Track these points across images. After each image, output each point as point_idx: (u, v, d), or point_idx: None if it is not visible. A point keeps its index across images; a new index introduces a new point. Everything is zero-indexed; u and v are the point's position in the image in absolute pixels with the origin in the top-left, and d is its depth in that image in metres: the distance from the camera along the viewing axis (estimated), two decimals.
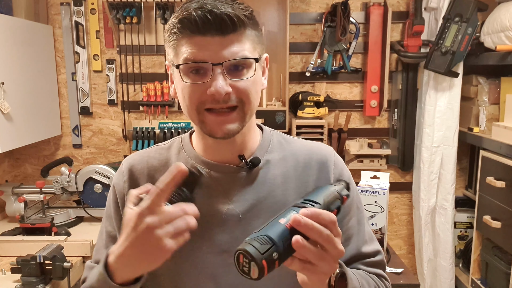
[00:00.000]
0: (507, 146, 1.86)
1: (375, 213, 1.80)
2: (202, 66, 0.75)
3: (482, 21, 2.13)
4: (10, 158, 2.52)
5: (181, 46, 0.76)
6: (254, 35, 0.78)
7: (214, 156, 0.86)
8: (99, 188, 2.13)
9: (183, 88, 0.78)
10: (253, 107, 0.80)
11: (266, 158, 0.87)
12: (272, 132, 0.93)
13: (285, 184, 0.86)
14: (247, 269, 0.58)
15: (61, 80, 2.50)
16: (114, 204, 0.89)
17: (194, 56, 0.74)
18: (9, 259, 1.70)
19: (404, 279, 1.73)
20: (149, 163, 0.89)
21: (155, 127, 2.45)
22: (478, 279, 2.15)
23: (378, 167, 2.42)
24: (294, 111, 2.43)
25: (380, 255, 0.90)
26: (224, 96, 0.75)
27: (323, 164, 0.88)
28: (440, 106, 2.27)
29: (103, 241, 0.90)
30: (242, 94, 0.77)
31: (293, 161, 0.88)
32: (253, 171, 0.85)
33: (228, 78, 0.75)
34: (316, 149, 0.91)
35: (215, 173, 0.85)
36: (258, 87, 0.81)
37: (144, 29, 2.41)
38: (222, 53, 0.74)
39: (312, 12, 2.42)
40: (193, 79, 0.76)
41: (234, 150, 0.84)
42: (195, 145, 0.89)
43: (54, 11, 2.44)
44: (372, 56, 2.38)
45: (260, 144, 0.88)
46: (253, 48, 0.78)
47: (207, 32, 0.73)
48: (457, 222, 2.45)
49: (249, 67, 0.77)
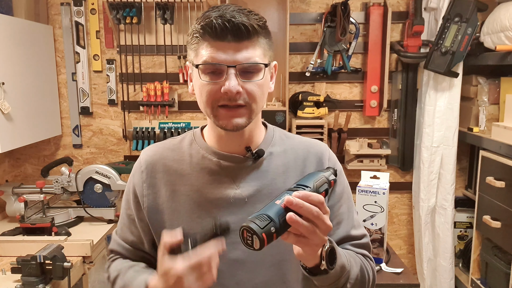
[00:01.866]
0: (507, 146, 1.87)
1: (375, 213, 1.80)
2: (218, 68, 0.86)
3: (482, 21, 2.14)
4: (10, 158, 2.53)
5: (202, 49, 0.87)
6: (266, 43, 0.89)
7: (224, 148, 0.97)
8: (99, 188, 2.13)
9: (201, 86, 0.89)
10: (259, 107, 0.92)
11: (269, 151, 0.98)
12: (275, 128, 1.05)
13: (286, 173, 0.97)
14: (250, 241, 0.71)
15: (61, 80, 2.50)
16: (132, 192, 1.01)
17: (212, 59, 0.85)
18: (9, 259, 1.71)
19: (404, 279, 1.73)
20: (164, 154, 1.01)
21: (155, 127, 2.45)
22: (478, 279, 2.15)
23: (378, 167, 2.42)
24: (294, 111, 2.43)
25: (366, 238, 1.03)
26: (235, 95, 0.85)
27: (319, 158, 1.01)
28: (440, 106, 2.27)
29: (124, 220, 1.04)
30: (250, 96, 0.88)
31: (293, 154, 1.00)
32: (258, 161, 0.97)
33: (240, 79, 0.86)
34: (314, 145, 1.03)
35: (225, 162, 0.96)
36: (265, 89, 0.92)
37: (144, 29, 2.41)
38: (236, 57, 0.85)
39: (312, 12, 2.43)
40: (210, 78, 0.87)
41: (242, 142, 0.96)
42: (207, 138, 1.00)
43: (54, 11, 2.44)
44: (372, 56, 2.38)
45: (264, 138, 1.00)
46: (263, 54, 0.89)
47: (224, 38, 0.84)
48: (457, 222, 2.46)
49: (259, 71, 0.88)
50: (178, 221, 0.95)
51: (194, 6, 2.32)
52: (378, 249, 1.83)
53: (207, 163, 0.96)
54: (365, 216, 1.82)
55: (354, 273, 0.90)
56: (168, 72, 2.44)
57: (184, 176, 0.97)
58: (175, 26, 2.39)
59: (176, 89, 2.47)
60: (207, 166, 0.96)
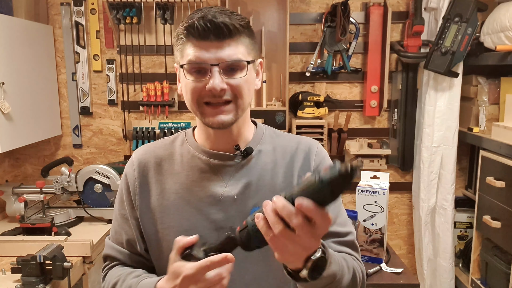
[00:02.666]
0: (507, 146, 1.87)
1: (375, 213, 1.80)
2: (203, 67, 0.88)
3: (482, 21, 2.14)
4: (10, 158, 2.53)
5: (186, 49, 0.89)
6: (248, 41, 0.92)
7: (213, 146, 0.98)
8: (99, 188, 2.13)
9: (186, 85, 0.91)
10: (246, 103, 0.93)
11: (258, 149, 1.00)
12: (265, 127, 1.06)
13: (274, 170, 0.99)
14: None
15: (61, 80, 2.50)
16: (126, 190, 1.02)
17: (196, 58, 0.87)
18: (9, 259, 1.71)
19: (404, 279, 1.73)
20: (156, 153, 1.03)
21: (155, 127, 2.45)
22: (478, 279, 2.15)
23: (378, 167, 2.42)
24: (294, 111, 2.43)
25: (351, 236, 1.00)
26: (220, 92, 0.87)
27: (306, 153, 1.01)
28: (440, 106, 2.27)
29: (117, 221, 1.05)
30: (236, 90, 0.89)
31: (281, 151, 1.01)
32: (246, 159, 0.98)
33: (223, 77, 0.88)
34: (303, 141, 1.04)
35: (214, 160, 0.98)
36: (250, 86, 0.94)
37: (144, 29, 2.41)
38: (219, 55, 0.87)
39: (312, 12, 2.43)
40: (195, 77, 0.89)
41: (231, 140, 0.97)
42: (197, 137, 1.02)
43: (54, 11, 2.44)
44: (372, 56, 2.38)
45: (254, 136, 1.02)
46: (247, 52, 0.91)
47: (207, 37, 0.86)
48: (457, 222, 2.45)
49: (242, 68, 0.90)
50: (169, 219, 0.96)
51: (194, 6, 2.32)
52: (378, 249, 1.83)
53: (196, 162, 0.98)
54: (365, 216, 1.82)
55: (345, 281, 0.86)
56: (168, 72, 2.44)
57: (175, 175, 0.98)
58: (175, 26, 2.39)
59: (176, 89, 2.47)
60: (197, 165, 0.98)
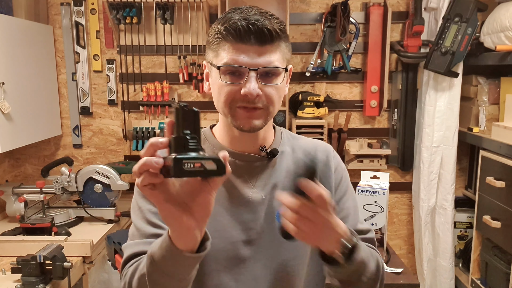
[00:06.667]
0: (507, 146, 1.87)
1: (375, 213, 1.80)
2: (239, 70, 0.87)
3: (482, 21, 2.14)
4: (10, 158, 2.53)
5: (223, 50, 0.87)
6: (285, 47, 0.91)
7: (238, 147, 0.98)
8: (99, 188, 2.13)
9: (220, 86, 0.89)
10: (276, 110, 0.95)
11: (280, 150, 1.01)
12: (281, 129, 1.08)
13: (296, 171, 0.97)
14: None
15: (61, 80, 2.50)
16: None
17: (234, 61, 0.86)
18: (9, 259, 1.70)
19: (404, 279, 1.73)
20: None
21: (155, 127, 2.45)
22: (478, 279, 2.15)
23: (378, 167, 2.42)
24: (294, 111, 2.43)
25: (371, 233, 1.07)
26: (255, 97, 0.87)
27: (326, 156, 1.05)
28: (440, 106, 2.27)
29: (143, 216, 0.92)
30: (268, 99, 0.89)
31: (301, 153, 1.03)
32: (271, 160, 0.99)
33: (260, 82, 0.87)
34: (320, 144, 1.08)
35: (240, 161, 0.97)
36: (281, 93, 0.94)
37: (144, 29, 2.41)
38: (258, 60, 0.86)
39: (312, 12, 2.43)
40: (230, 79, 0.88)
41: (256, 142, 0.98)
42: (219, 137, 1.00)
43: (54, 11, 2.44)
44: (372, 56, 2.38)
45: (275, 138, 1.03)
46: (282, 59, 0.90)
47: (247, 41, 0.85)
48: (457, 222, 2.45)
49: (279, 75, 0.90)
50: None
51: (194, 6, 2.32)
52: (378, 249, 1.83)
53: None
54: (365, 216, 1.82)
55: (371, 268, 0.91)
56: (168, 72, 2.44)
57: None
58: (175, 26, 2.39)
59: (176, 89, 2.47)
60: None
